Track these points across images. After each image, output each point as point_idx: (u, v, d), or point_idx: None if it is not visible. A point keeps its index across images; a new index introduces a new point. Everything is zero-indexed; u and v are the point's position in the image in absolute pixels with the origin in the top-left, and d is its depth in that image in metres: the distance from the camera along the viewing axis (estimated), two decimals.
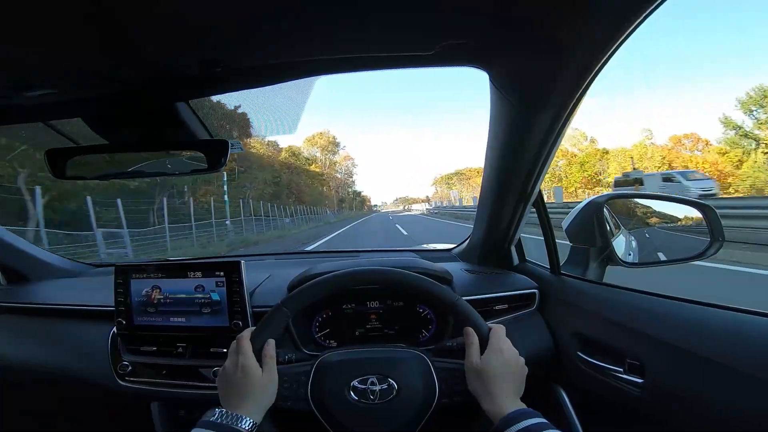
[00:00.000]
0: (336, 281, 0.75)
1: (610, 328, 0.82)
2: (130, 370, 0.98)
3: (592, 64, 0.58)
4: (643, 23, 0.50)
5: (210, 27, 0.54)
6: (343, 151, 65.71)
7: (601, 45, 0.55)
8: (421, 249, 1.51)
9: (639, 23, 0.50)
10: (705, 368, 0.62)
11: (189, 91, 0.74)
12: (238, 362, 0.65)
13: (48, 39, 0.53)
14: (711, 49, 47.77)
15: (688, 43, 49.70)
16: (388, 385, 0.72)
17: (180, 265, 0.99)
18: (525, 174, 0.86)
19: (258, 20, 0.54)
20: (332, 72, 0.69)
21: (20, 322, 1.16)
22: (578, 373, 0.87)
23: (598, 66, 0.58)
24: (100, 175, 0.93)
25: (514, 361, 0.68)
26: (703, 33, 48.34)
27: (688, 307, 0.72)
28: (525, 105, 0.71)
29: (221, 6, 0.49)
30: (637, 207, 1.13)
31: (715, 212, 0.93)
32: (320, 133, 62.16)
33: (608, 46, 0.55)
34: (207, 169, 0.83)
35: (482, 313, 0.74)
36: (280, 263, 1.47)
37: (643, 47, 40.86)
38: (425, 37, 0.60)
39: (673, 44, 51.50)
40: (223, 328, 0.95)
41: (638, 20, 0.50)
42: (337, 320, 1.02)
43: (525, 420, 0.59)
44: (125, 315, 0.99)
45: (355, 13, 0.53)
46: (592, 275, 1.00)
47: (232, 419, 0.60)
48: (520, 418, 0.59)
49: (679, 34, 50.00)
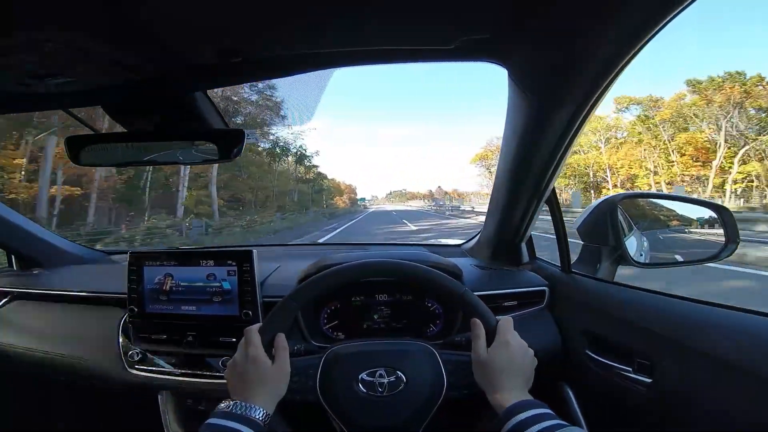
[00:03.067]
0: (344, 273, 0.75)
1: (619, 327, 0.82)
2: (140, 359, 1.00)
3: (615, 61, 0.57)
4: (673, 20, 0.49)
5: (230, 16, 0.54)
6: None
7: (625, 41, 0.54)
8: (431, 243, 1.51)
9: (669, 20, 0.49)
10: (714, 369, 0.62)
11: (207, 81, 0.75)
12: (247, 354, 0.66)
13: (69, 27, 0.53)
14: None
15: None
16: (397, 378, 0.72)
17: (193, 254, 1.00)
18: (540, 170, 0.86)
19: (279, 11, 0.54)
20: (351, 64, 0.69)
21: (33, 309, 1.18)
22: (586, 372, 0.87)
23: (622, 63, 0.57)
24: (114, 162, 0.94)
25: (522, 353, 0.68)
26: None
27: (698, 308, 0.72)
28: (544, 101, 0.70)
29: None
30: (650, 207, 1.12)
31: (730, 214, 0.92)
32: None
33: (633, 43, 0.54)
34: (220, 159, 0.84)
35: (491, 310, 0.74)
36: (290, 254, 1.48)
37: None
38: (446, 32, 0.59)
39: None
40: (233, 318, 0.96)
41: (667, 17, 0.49)
42: (345, 312, 1.02)
43: (529, 410, 0.58)
44: (137, 302, 1.00)
45: (377, 6, 0.53)
46: (603, 274, 1.00)
47: (245, 409, 0.60)
48: (525, 408, 0.59)
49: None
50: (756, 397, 0.56)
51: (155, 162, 0.90)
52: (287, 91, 0.81)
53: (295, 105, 0.88)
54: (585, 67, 0.61)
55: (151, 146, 0.87)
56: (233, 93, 2.28)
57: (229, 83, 0.75)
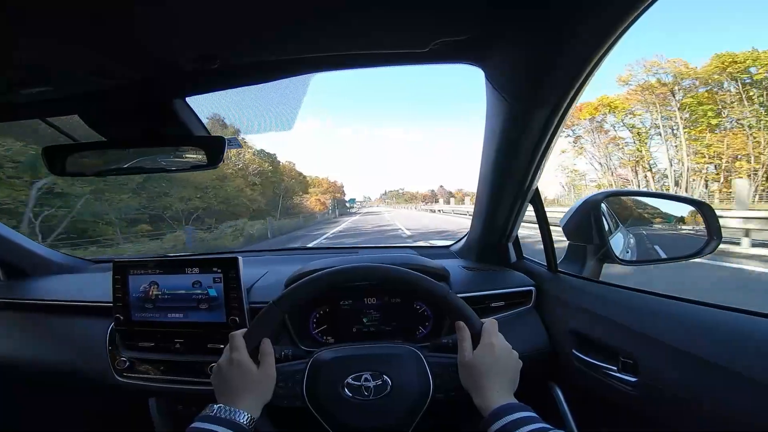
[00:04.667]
0: (329, 278, 0.75)
1: (604, 326, 0.82)
2: (128, 366, 0.99)
3: (589, 59, 0.58)
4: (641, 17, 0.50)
5: (209, 22, 0.54)
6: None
7: (598, 40, 0.54)
8: (420, 246, 1.51)
9: (637, 17, 0.50)
10: (698, 367, 0.62)
11: (186, 88, 0.75)
12: (232, 359, 0.66)
13: (45, 35, 0.53)
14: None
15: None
16: (382, 381, 0.72)
17: (178, 261, 1.00)
18: (522, 171, 0.86)
19: (255, 17, 0.54)
20: (329, 69, 0.69)
21: (19, 318, 1.17)
22: (573, 371, 0.87)
23: (595, 61, 0.58)
24: (98, 171, 0.94)
25: (507, 356, 0.68)
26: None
27: (682, 306, 0.72)
28: (521, 102, 0.71)
29: (219, 2, 0.49)
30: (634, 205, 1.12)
31: (712, 210, 0.93)
32: None
33: (605, 41, 0.54)
34: (202, 166, 0.84)
35: (479, 311, 0.74)
36: (279, 259, 1.47)
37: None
38: (420, 35, 0.60)
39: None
40: (220, 324, 0.95)
41: (636, 13, 0.49)
42: (334, 316, 1.02)
43: (512, 414, 0.58)
44: (123, 311, 0.99)
45: (350, 11, 0.53)
46: (589, 273, 1.00)
47: (230, 413, 0.60)
48: (508, 412, 0.59)
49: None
50: (739, 394, 0.57)
51: (136, 170, 0.89)
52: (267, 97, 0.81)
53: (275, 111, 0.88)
54: (559, 68, 0.61)
55: (132, 154, 0.86)
56: (213, 100, 2.23)
57: (207, 90, 0.75)
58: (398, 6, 0.52)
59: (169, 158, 0.86)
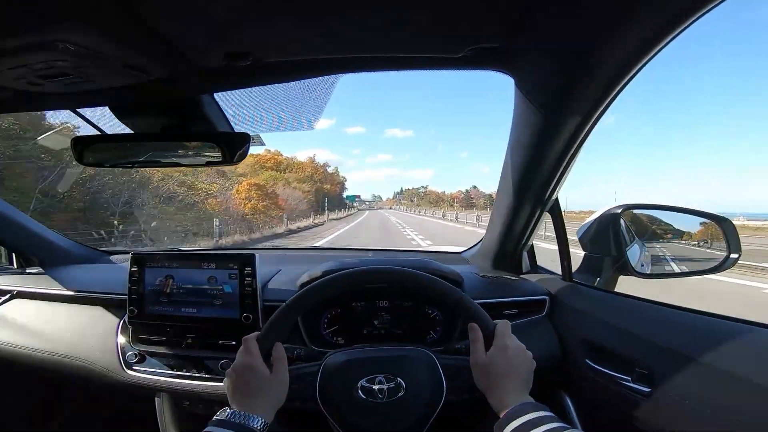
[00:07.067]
0: (344, 281, 0.74)
1: (619, 336, 0.82)
2: (138, 359, 0.99)
3: (622, 74, 0.58)
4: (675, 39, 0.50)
5: (240, 20, 0.55)
6: None
7: (633, 57, 0.55)
8: (432, 251, 1.51)
9: (673, 38, 0.50)
10: (714, 379, 0.62)
11: (215, 84, 0.75)
12: (245, 363, 0.66)
13: (79, 27, 0.54)
14: None
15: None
16: (396, 384, 0.72)
17: (195, 256, 1.00)
18: (544, 180, 0.86)
19: (289, 17, 0.54)
20: (360, 70, 0.70)
21: (33, 308, 1.17)
22: (585, 381, 0.87)
23: (629, 76, 0.58)
24: (117, 163, 0.94)
25: (521, 355, 0.68)
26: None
27: (698, 318, 0.72)
28: (550, 110, 0.71)
29: (253, 1, 0.50)
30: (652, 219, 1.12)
31: (732, 225, 0.93)
32: None
33: (640, 58, 0.54)
34: (223, 162, 0.84)
35: (491, 318, 0.74)
36: (291, 258, 1.47)
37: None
38: (455, 40, 0.60)
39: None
40: (234, 320, 0.95)
41: (672, 34, 0.49)
42: (345, 318, 1.02)
43: (530, 413, 0.58)
44: (137, 303, 0.99)
45: (388, 14, 0.53)
46: (604, 284, 1.00)
47: (244, 418, 0.60)
48: (525, 412, 0.58)
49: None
50: (756, 408, 0.56)
51: (159, 163, 0.90)
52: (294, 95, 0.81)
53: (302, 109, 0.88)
54: (591, 78, 0.62)
55: (156, 147, 0.87)
56: (240, 97, 2.21)
57: (236, 86, 0.75)
58: (439, 11, 0.52)
59: (193, 152, 0.86)
